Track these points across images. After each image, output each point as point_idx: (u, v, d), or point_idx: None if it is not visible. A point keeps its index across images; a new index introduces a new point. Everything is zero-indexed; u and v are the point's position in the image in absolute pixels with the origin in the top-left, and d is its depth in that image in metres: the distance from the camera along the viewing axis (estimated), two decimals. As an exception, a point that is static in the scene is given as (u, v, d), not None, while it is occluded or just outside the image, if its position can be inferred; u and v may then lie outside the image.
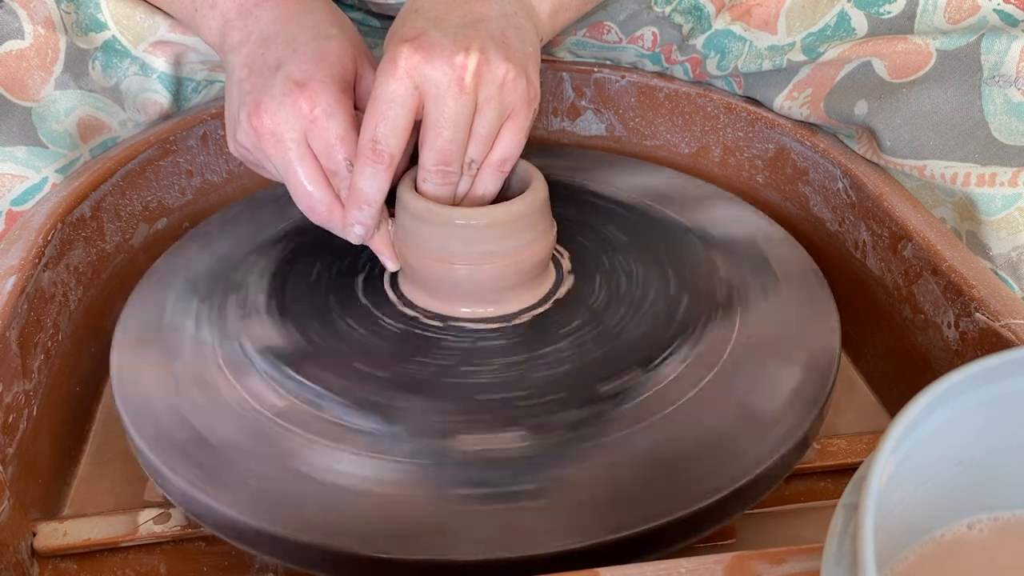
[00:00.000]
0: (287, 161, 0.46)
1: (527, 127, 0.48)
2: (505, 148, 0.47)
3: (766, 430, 0.42)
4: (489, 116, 0.46)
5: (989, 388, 0.26)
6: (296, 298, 0.51)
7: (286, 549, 0.38)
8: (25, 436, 0.44)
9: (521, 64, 0.46)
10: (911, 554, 0.29)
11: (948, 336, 0.48)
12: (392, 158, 0.45)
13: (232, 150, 0.50)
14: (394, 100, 0.44)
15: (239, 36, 0.51)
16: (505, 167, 0.48)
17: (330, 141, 0.46)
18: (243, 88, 0.48)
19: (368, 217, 0.47)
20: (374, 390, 0.44)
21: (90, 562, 0.44)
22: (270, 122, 0.46)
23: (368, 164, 0.45)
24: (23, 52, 0.55)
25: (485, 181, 0.48)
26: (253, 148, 0.48)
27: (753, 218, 0.60)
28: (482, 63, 0.44)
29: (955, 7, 0.55)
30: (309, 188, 0.47)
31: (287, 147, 0.46)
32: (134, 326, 0.49)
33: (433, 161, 0.46)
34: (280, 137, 0.46)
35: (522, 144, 0.48)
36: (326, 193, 0.47)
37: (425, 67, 0.44)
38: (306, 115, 0.45)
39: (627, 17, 0.65)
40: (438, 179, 0.47)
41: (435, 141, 0.45)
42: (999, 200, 0.52)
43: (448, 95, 0.44)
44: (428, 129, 0.45)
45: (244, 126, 0.47)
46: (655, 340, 0.47)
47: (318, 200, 0.47)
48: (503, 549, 0.36)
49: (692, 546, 0.40)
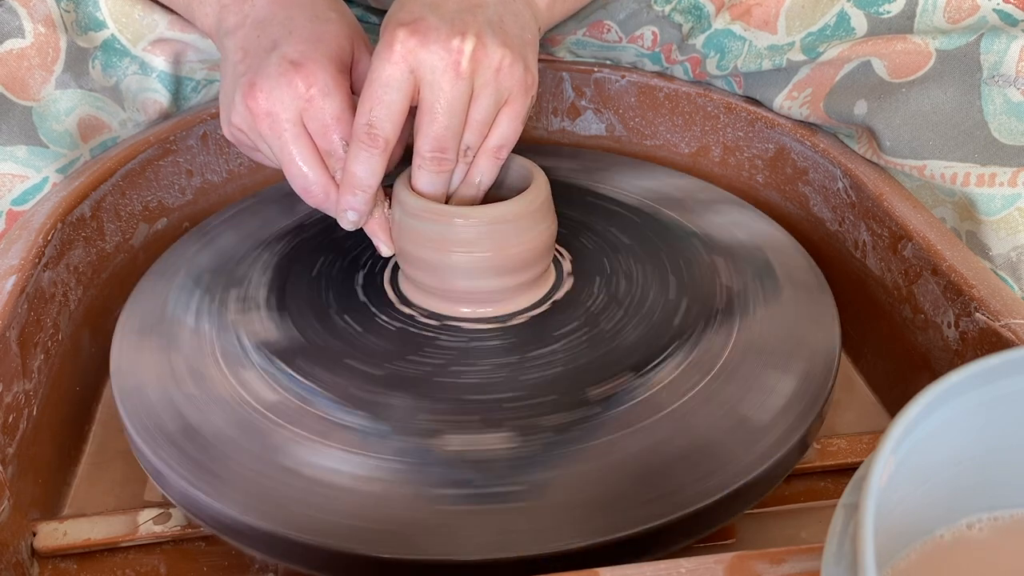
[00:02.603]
0: (283, 142, 0.46)
1: (524, 114, 0.48)
2: (502, 135, 0.47)
3: (765, 432, 0.42)
4: (485, 102, 0.45)
5: (989, 388, 0.26)
6: (296, 293, 0.51)
7: (268, 543, 0.38)
8: (25, 436, 0.44)
9: (519, 50, 0.46)
10: (911, 554, 0.29)
11: (948, 336, 0.48)
12: (387, 142, 0.45)
13: (226, 133, 0.50)
14: (389, 84, 0.44)
15: (234, 20, 0.51)
16: (501, 154, 0.48)
17: (326, 121, 0.46)
18: (238, 70, 0.48)
19: (362, 202, 0.47)
20: (365, 387, 0.44)
21: (90, 562, 0.44)
22: (265, 102, 0.45)
23: (363, 148, 0.45)
24: (24, 51, 0.55)
25: (481, 168, 0.48)
26: (248, 129, 0.47)
27: (755, 220, 0.60)
28: (478, 48, 0.44)
29: (955, 7, 0.55)
30: (304, 169, 0.46)
31: (282, 127, 0.46)
32: (136, 316, 0.50)
33: (429, 147, 0.45)
34: (275, 117, 0.45)
35: (519, 131, 0.48)
36: (321, 174, 0.47)
37: (421, 51, 0.43)
38: (302, 95, 0.45)
39: (627, 16, 0.65)
40: (433, 166, 0.46)
41: (430, 127, 0.45)
42: (999, 200, 0.52)
43: (444, 80, 0.44)
44: (423, 114, 0.45)
45: (239, 107, 0.47)
46: (651, 344, 0.47)
47: (313, 181, 0.47)
48: (491, 550, 0.36)
49: (692, 546, 0.40)
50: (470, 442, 0.41)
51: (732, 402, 0.44)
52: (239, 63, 0.48)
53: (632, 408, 0.43)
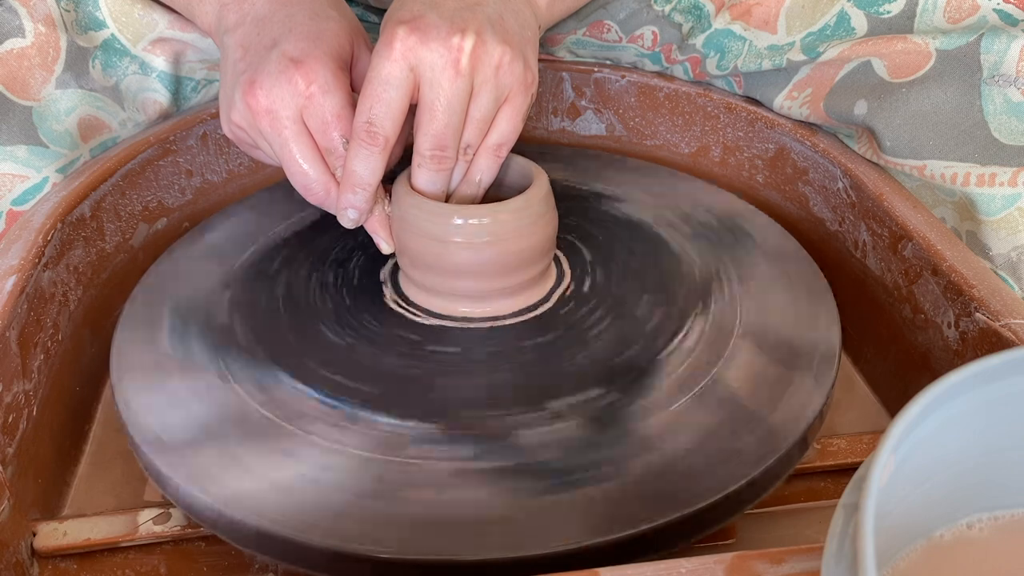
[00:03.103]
0: (283, 139, 0.46)
1: (524, 112, 0.47)
2: (501, 133, 0.47)
3: (764, 432, 0.42)
4: (485, 99, 0.45)
5: (989, 388, 0.26)
6: (295, 290, 0.51)
7: (268, 543, 0.38)
8: (25, 436, 0.44)
9: (518, 48, 0.46)
10: (911, 554, 0.29)
11: (948, 336, 0.48)
12: (387, 140, 0.45)
13: (226, 131, 0.50)
14: (389, 82, 0.44)
15: (235, 18, 0.51)
16: (501, 152, 0.48)
17: (326, 118, 0.46)
18: (238, 68, 0.48)
19: (362, 200, 0.47)
20: (365, 387, 0.44)
21: (90, 562, 0.44)
22: (265, 99, 0.45)
23: (363, 146, 0.45)
24: (24, 51, 0.55)
25: (481, 166, 0.48)
26: (248, 127, 0.47)
27: (754, 219, 0.60)
28: (478, 45, 0.44)
29: (955, 7, 0.55)
30: (305, 167, 0.46)
31: (282, 124, 0.46)
32: (136, 317, 0.50)
33: (428, 146, 0.45)
34: (275, 115, 0.45)
35: (519, 129, 0.48)
36: (322, 172, 0.47)
37: (421, 49, 0.43)
38: (302, 92, 0.45)
39: (627, 16, 0.65)
40: (433, 165, 0.46)
41: (430, 124, 0.45)
42: (999, 200, 0.52)
43: (444, 77, 0.44)
44: (423, 112, 0.45)
45: (239, 105, 0.47)
46: (650, 346, 0.47)
47: (313, 179, 0.47)
48: (492, 550, 0.36)
49: (692, 546, 0.40)
50: (470, 442, 0.41)
51: (732, 402, 0.44)
52: (239, 61, 0.48)
53: (632, 408, 0.43)
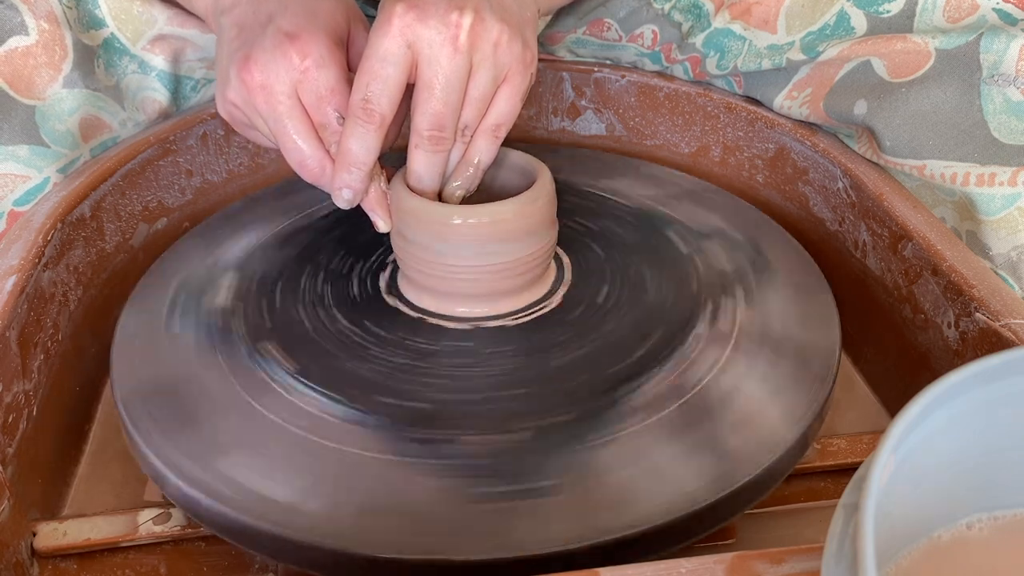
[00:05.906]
0: (277, 115, 0.46)
1: (523, 92, 0.47)
2: (500, 112, 0.47)
3: (765, 432, 0.42)
4: (483, 78, 0.45)
5: (989, 388, 0.26)
6: (293, 288, 0.51)
7: (268, 543, 0.38)
8: (25, 436, 0.44)
9: (517, 26, 0.46)
10: (911, 554, 0.29)
11: (948, 336, 0.48)
12: (383, 118, 0.44)
13: (220, 110, 0.50)
14: (386, 59, 0.43)
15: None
16: (500, 132, 0.47)
17: (320, 93, 0.45)
18: (233, 45, 0.48)
19: (357, 180, 0.46)
20: (365, 386, 0.44)
21: (90, 562, 0.44)
22: (260, 75, 0.45)
23: (359, 124, 0.44)
24: (30, 49, 0.54)
25: (479, 148, 0.48)
26: (243, 104, 0.47)
27: (754, 220, 0.60)
28: (476, 22, 0.44)
29: (954, 6, 0.55)
30: (299, 143, 0.46)
31: (278, 100, 0.45)
32: (136, 317, 0.50)
33: (427, 125, 0.45)
34: (271, 90, 0.45)
35: (517, 109, 0.47)
36: (316, 149, 0.46)
37: (419, 26, 0.43)
38: (297, 66, 0.45)
39: (627, 14, 0.65)
40: (431, 146, 0.46)
41: (428, 103, 0.44)
42: (998, 200, 0.52)
43: (442, 54, 0.43)
44: (421, 91, 0.44)
45: (233, 82, 0.46)
46: (650, 346, 0.47)
47: (308, 156, 0.46)
48: (492, 550, 0.36)
49: (692, 546, 0.40)
50: (469, 441, 0.41)
51: (732, 401, 0.44)
52: (234, 39, 0.48)
53: (632, 408, 0.43)
